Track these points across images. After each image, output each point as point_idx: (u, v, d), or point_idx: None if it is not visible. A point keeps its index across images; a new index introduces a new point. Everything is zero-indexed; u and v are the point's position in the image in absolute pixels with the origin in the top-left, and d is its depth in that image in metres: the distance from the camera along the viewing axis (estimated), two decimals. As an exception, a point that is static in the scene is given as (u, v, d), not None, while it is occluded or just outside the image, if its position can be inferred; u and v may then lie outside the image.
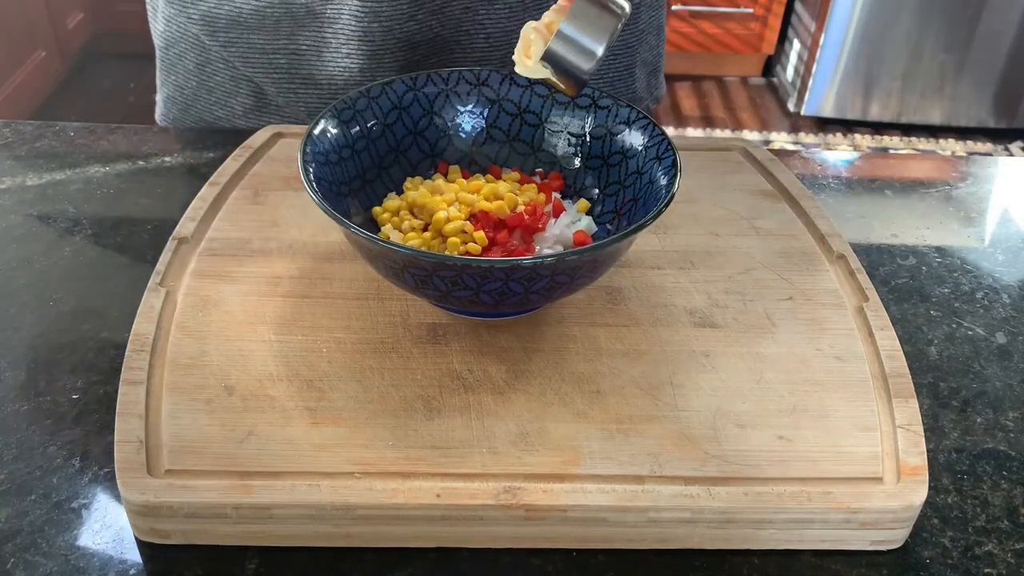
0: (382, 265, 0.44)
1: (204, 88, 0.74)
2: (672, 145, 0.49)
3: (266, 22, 0.68)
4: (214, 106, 0.74)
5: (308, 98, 0.71)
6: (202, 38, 0.70)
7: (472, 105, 0.56)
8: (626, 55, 0.76)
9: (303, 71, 0.70)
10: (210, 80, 0.73)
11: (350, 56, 0.68)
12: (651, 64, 0.81)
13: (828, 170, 0.72)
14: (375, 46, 0.67)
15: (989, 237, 0.65)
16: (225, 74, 0.72)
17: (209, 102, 0.74)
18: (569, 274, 0.43)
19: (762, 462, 0.42)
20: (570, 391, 0.45)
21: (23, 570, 0.39)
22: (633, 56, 0.76)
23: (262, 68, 0.70)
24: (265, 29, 0.68)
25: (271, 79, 0.70)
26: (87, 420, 0.46)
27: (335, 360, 0.46)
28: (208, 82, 0.73)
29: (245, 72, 0.71)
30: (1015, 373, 0.52)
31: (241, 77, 0.71)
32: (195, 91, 0.75)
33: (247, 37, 0.69)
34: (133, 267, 0.57)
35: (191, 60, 0.73)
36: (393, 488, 0.40)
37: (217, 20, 0.69)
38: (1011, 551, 0.42)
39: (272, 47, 0.69)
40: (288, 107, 0.72)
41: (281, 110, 0.72)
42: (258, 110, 0.73)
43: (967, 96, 2.53)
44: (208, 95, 0.74)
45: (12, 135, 0.70)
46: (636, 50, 0.76)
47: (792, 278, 0.53)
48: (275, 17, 0.68)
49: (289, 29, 0.68)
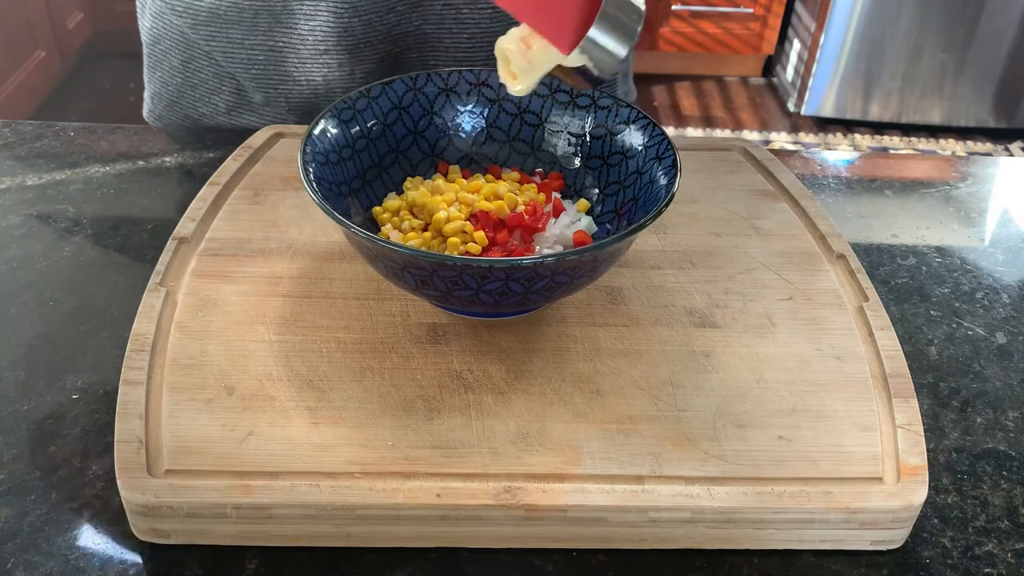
0: (382, 265, 0.44)
1: (188, 84, 0.74)
2: (672, 145, 0.49)
3: (244, 15, 0.68)
4: (198, 102, 0.75)
5: (289, 94, 0.71)
6: (186, 32, 0.71)
7: (472, 105, 0.56)
8: None
9: (282, 67, 0.70)
10: (194, 77, 0.73)
11: (328, 52, 0.68)
12: (624, 70, 0.81)
13: (828, 170, 0.72)
14: (355, 40, 0.67)
15: (989, 237, 0.65)
16: (208, 71, 0.72)
17: (193, 98, 0.75)
18: (569, 274, 0.43)
19: (762, 462, 0.42)
20: (570, 391, 0.45)
21: (23, 570, 0.39)
22: None
23: (242, 64, 0.70)
24: (243, 24, 0.69)
25: (250, 75, 0.71)
26: (87, 420, 0.46)
27: (335, 360, 0.46)
28: (192, 79, 0.74)
29: (228, 68, 0.71)
30: (1015, 373, 0.52)
31: (224, 74, 0.72)
32: (180, 87, 0.75)
33: (227, 31, 0.69)
34: (133, 267, 0.57)
35: (176, 57, 0.73)
36: (393, 488, 0.40)
37: (199, 13, 0.70)
38: (1011, 551, 0.42)
39: (251, 42, 0.69)
40: (269, 105, 0.72)
41: (262, 108, 0.73)
42: (240, 107, 0.73)
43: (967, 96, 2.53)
44: (192, 91, 0.74)
45: (12, 135, 0.70)
46: None
47: (792, 278, 0.53)
48: (253, 11, 0.68)
49: (267, 24, 0.68)
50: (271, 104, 0.72)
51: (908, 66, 2.47)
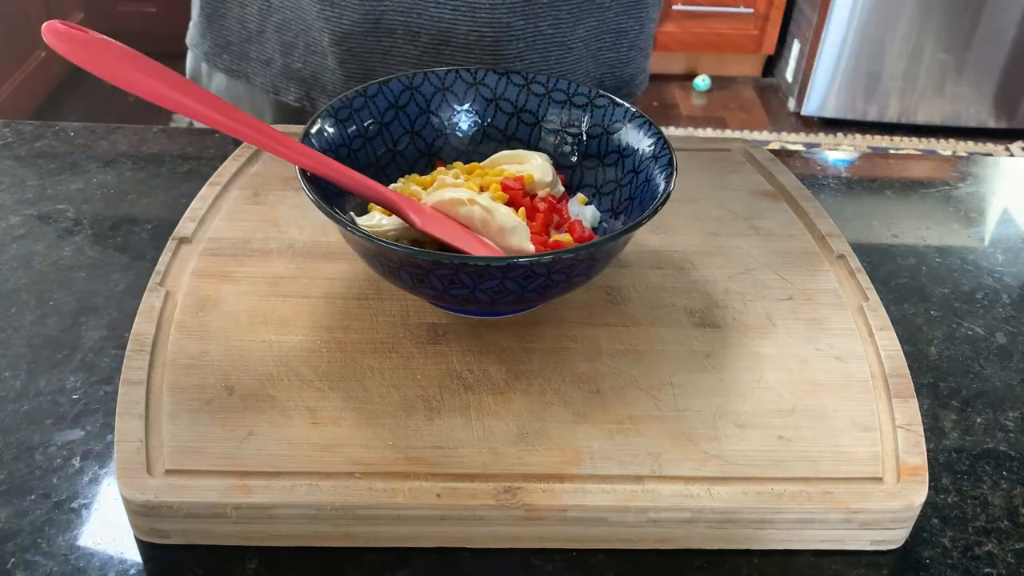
0: (379, 264, 0.44)
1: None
2: (669, 144, 0.49)
3: None
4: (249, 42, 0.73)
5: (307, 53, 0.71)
6: None
7: (469, 104, 0.56)
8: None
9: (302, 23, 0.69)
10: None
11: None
12: (643, 46, 0.80)
13: (828, 170, 0.72)
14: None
15: (989, 237, 0.65)
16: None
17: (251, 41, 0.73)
18: (565, 272, 0.43)
19: (762, 462, 0.42)
20: (570, 391, 0.45)
21: (23, 570, 0.39)
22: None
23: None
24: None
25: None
26: (87, 420, 0.46)
27: (335, 360, 0.46)
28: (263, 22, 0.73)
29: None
30: (1015, 373, 0.52)
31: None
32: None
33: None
34: (133, 267, 0.57)
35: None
36: (393, 488, 0.40)
37: None
38: (1011, 551, 0.42)
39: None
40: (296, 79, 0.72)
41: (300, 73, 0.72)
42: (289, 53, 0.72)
43: (967, 96, 2.53)
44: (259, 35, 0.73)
45: (12, 135, 0.70)
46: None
47: (792, 278, 0.53)
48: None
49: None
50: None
51: (908, 66, 2.47)
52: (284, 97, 0.75)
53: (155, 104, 0.44)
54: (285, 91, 0.74)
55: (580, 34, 0.71)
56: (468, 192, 0.48)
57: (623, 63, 0.76)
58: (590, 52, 0.72)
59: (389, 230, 0.48)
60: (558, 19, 0.69)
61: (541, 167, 0.51)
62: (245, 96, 0.78)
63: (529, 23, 0.68)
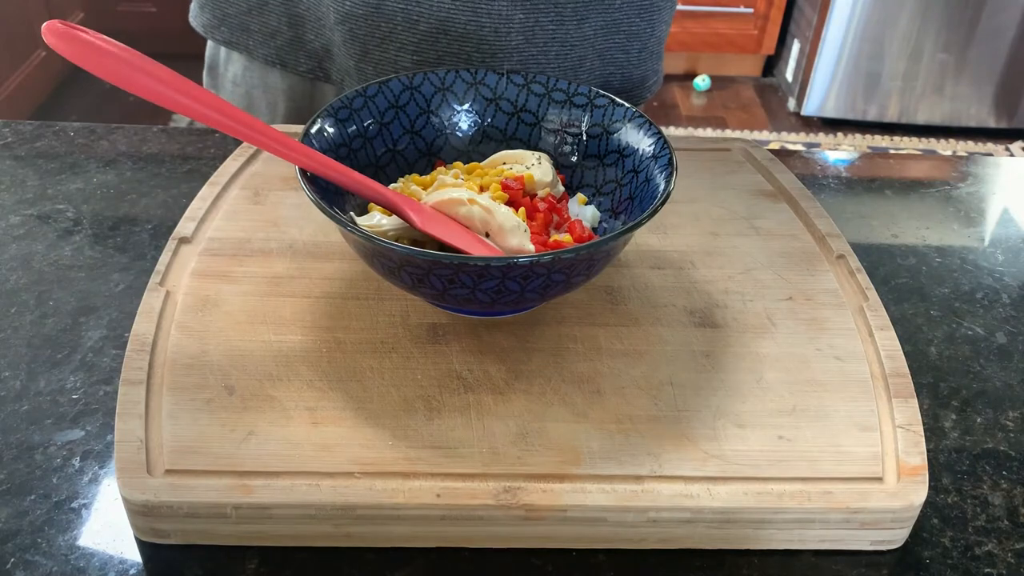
0: (379, 264, 0.44)
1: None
2: (669, 144, 0.49)
3: None
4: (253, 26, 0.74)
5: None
6: None
7: (469, 104, 0.56)
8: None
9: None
10: None
11: None
12: (655, 49, 0.80)
13: (828, 170, 0.72)
14: None
15: (989, 237, 0.65)
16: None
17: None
18: (565, 272, 0.43)
19: (762, 462, 0.42)
20: (570, 391, 0.45)
21: (23, 570, 0.39)
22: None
23: None
24: None
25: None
26: (87, 420, 0.46)
27: (335, 360, 0.46)
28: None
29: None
30: (1015, 373, 0.52)
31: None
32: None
33: None
34: (133, 267, 0.57)
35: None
36: (393, 488, 0.40)
37: None
38: (1011, 551, 0.42)
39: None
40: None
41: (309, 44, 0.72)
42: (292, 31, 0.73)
43: (967, 96, 2.53)
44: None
45: (12, 135, 0.70)
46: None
47: (792, 278, 0.53)
48: None
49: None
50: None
51: (908, 66, 2.47)
52: (293, 70, 0.75)
53: (155, 104, 0.44)
54: (294, 63, 0.74)
55: (585, 32, 0.70)
56: (468, 192, 0.48)
57: (633, 64, 0.76)
58: (596, 51, 0.72)
59: (389, 230, 0.48)
60: (561, 16, 0.69)
61: (541, 167, 0.51)
62: (259, 83, 0.77)
63: (530, 17, 0.68)
